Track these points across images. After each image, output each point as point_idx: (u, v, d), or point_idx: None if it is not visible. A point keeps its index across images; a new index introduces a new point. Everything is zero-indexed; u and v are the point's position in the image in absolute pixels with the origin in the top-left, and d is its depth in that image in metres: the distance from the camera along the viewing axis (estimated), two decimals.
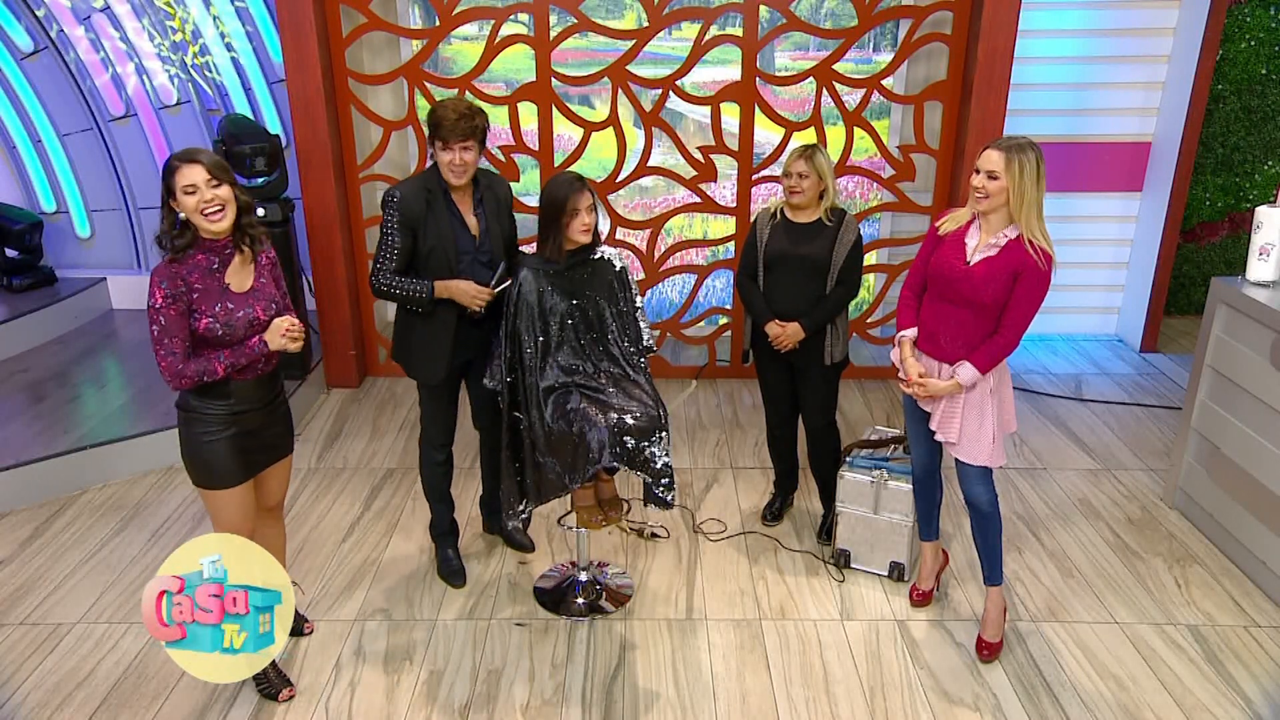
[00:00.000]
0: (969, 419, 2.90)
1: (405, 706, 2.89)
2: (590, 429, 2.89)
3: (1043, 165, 2.69)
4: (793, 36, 4.96)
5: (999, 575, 3.09)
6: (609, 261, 3.14)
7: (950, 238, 2.88)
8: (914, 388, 2.95)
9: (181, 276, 2.48)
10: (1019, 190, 2.67)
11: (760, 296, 3.47)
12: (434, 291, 3.03)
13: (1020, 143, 2.69)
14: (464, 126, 2.92)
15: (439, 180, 3.04)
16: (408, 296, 3.05)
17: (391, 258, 3.02)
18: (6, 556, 3.64)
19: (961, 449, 2.93)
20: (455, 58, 5.08)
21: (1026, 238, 2.71)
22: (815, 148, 3.37)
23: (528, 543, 3.65)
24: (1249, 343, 3.47)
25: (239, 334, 2.55)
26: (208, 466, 2.63)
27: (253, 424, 2.67)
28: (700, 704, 2.90)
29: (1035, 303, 2.76)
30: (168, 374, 2.49)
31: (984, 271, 2.76)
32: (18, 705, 2.90)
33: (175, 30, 5.36)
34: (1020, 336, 2.81)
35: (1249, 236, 4.11)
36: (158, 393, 4.65)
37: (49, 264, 5.78)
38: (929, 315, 2.94)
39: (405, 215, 2.99)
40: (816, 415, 3.58)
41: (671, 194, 5.19)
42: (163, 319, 2.46)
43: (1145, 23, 5.25)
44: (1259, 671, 3.04)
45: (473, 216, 3.12)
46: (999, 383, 2.91)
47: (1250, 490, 3.46)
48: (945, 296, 2.87)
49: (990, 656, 3.08)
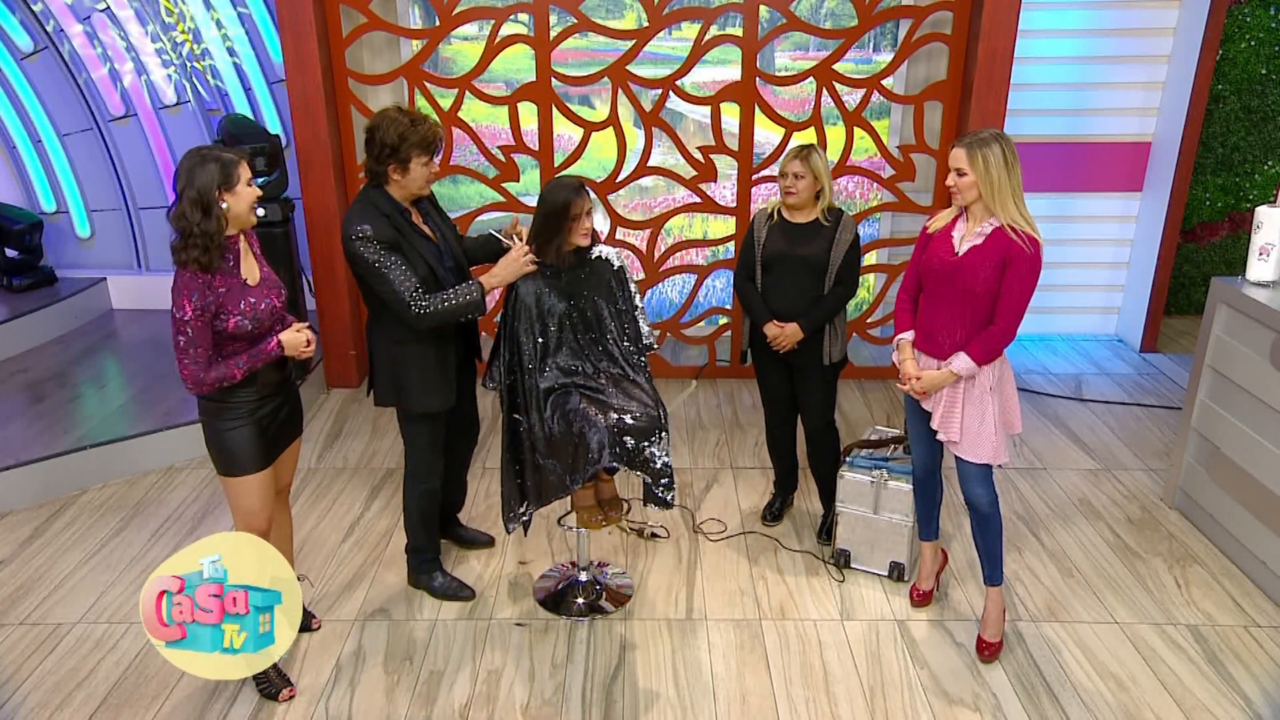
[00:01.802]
0: (969, 416, 2.91)
1: (405, 706, 2.89)
2: (590, 429, 2.89)
3: (1010, 153, 2.72)
4: (793, 36, 4.96)
5: (999, 575, 3.10)
6: (607, 261, 3.14)
7: (939, 234, 2.91)
8: (911, 383, 2.95)
9: (209, 285, 2.49)
10: (987, 181, 2.72)
11: (758, 297, 3.47)
12: (484, 289, 2.90)
13: (983, 136, 2.73)
14: (442, 138, 2.91)
15: (392, 203, 2.90)
16: (462, 305, 2.87)
17: (409, 278, 2.85)
18: (6, 556, 3.64)
19: (963, 447, 2.93)
20: (455, 58, 5.08)
21: (1007, 224, 2.74)
22: (811, 148, 3.37)
23: (482, 536, 3.67)
24: (1249, 343, 3.47)
25: (265, 325, 2.60)
26: (233, 454, 2.66)
27: (271, 408, 2.72)
28: (700, 704, 2.90)
29: (1026, 289, 2.77)
30: (189, 381, 2.51)
31: (973, 259, 2.79)
32: (18, 705, 2.90)
33: (175, 29, 5.36)
34: (1014, 325, 2.81)
35: (1249, 236, 4.12)
36: (158, 393, 4.65)
37: (49, 264, 5.78)
38: (925, 314, 2.96)
39: (386, 241, 2.85)
40: (815, 415, 3.58)
41: (671, 194, 5.19)
42: (190, 330, 2.46)
43: (1145, 23, 5.25)
44: (1259, 671, 3.04)
45: (426, 228, 3.04)
46: (1000, 380, 2.91)
47: (1250, 490, 3.46)
48: (938, 292, 2.89)
49: (990, 656, 3.08)
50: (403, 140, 2.82)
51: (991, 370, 2.87)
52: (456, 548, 3.68)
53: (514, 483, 3.11)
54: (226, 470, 2.70)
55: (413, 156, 2.85)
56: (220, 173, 2.43)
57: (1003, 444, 2.94)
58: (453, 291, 2.89)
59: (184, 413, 4.42)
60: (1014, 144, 2.76)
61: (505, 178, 4.95)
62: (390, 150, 2.83)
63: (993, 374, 2.88)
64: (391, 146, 2.82)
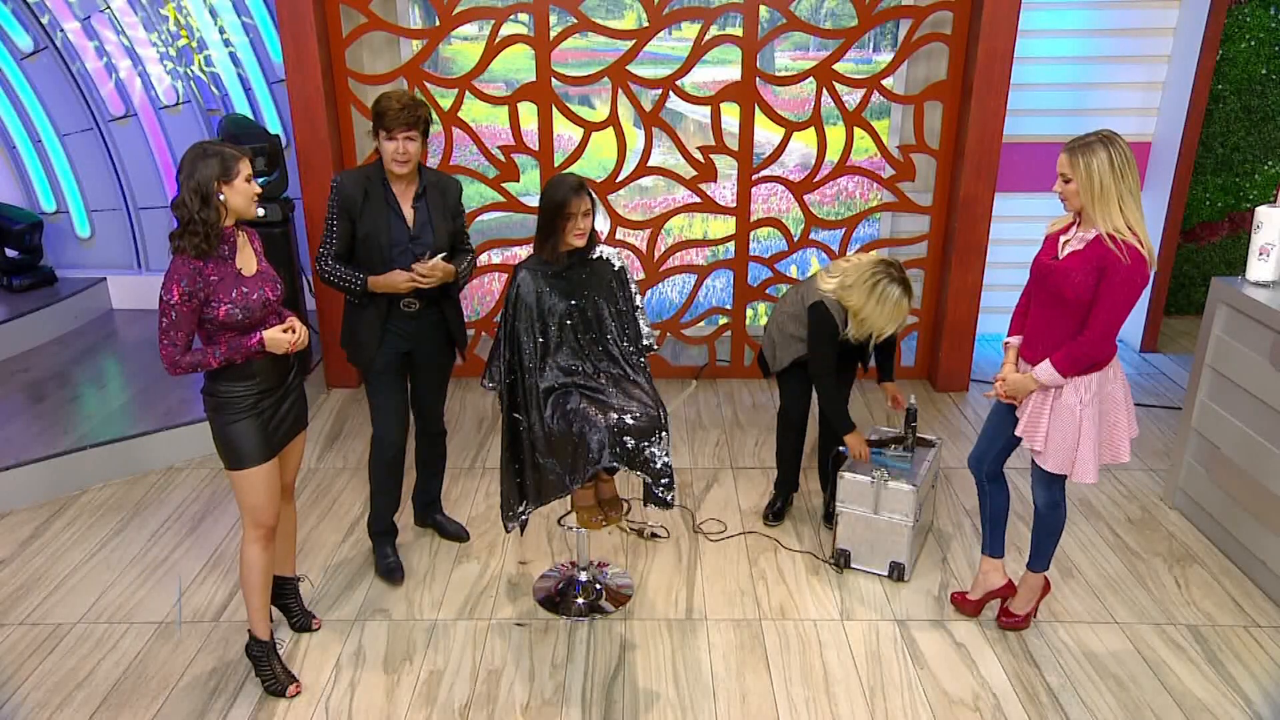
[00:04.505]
0: (1055, 428, 2.83)
1: (405, 706, 2.89)
2: (590, 429, 2.89)
3: (1121, 156, 2.59)
4: (793, 36, 4.96)
5: (1037, 564, 3.12)
6: (607, 261, 3.14)
7: (1052, 237, 2.85)
8: (997, 385, 2.94)
9: (200, 272, 2.53)
10: (1090, 188, 2.62)
11: (844, 406, 3.55)
12: (367, 285, 3.12)
13: (1089, 140, 2.64)
14: (407, 116, 3.01)
15: (380, 171, 3.14)
16: (343, 286, 3.14)
17: (332, 241, 3.13)
18: (6, 556, 3.64)
19: (1045, 457, 2.88)
20: (455, 58, 5.08)
21: (1107, 233, 2.63)
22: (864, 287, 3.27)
23: (462, 532, 3.72)
24: (1249, 343, 3.47)
25: (256, 316, 2.63)
26: (237, 448, 2.69)
27: (275, 401, 2.75)
28: (700, 704, 2.90)
29: (1120, 300, 2.64)
30: (166, 362, 2.58)
31: (1068, 264, 2.71)
32: (18, 705, 2.90)
33: (175, 28, 5.36)
34: (1105, 338, 2.69)
35: (1249, 236, 4.12)
36: (158, 393, 4.65)
37: (49, 264, 5.78)
38: (1031, 319, 2.91)
39: (344, 200, 3.10)
40: None
41: (671, 194, 5.19)
42: (174, 314, 2.52)
43: (1145, 23, 5.25)
44: (1259, 671, 3.04)
45: (410, 209, 3.17)
46: (1097, 398, 2.79)
47: (1250, 490, 3.45)
48: (1038, 296, 2.84)
49: (1007, 625, 3.14)
50: (376, 113, 3.05)
51: (1085, 384, 2.77)
52: (458, 547, 3.69)
53: (513, 482, 3.11)
54: (232, 464, 2.72)
55: (379, 131, 3.05)
56: (220, 166, 2.51)
57: (1091, 464, 2.82)
58: (347, 271, 3.13)
59: (184, 412, 4.42)
60: (1127, 147, 2.62)
61: (505, 178, 4.95)
62: (373, 123, 3.07)
63: (1086, 388, 2.78)
64: (373, 119, 3.07)
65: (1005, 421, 3.02)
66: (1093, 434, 2.81)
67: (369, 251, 3.14)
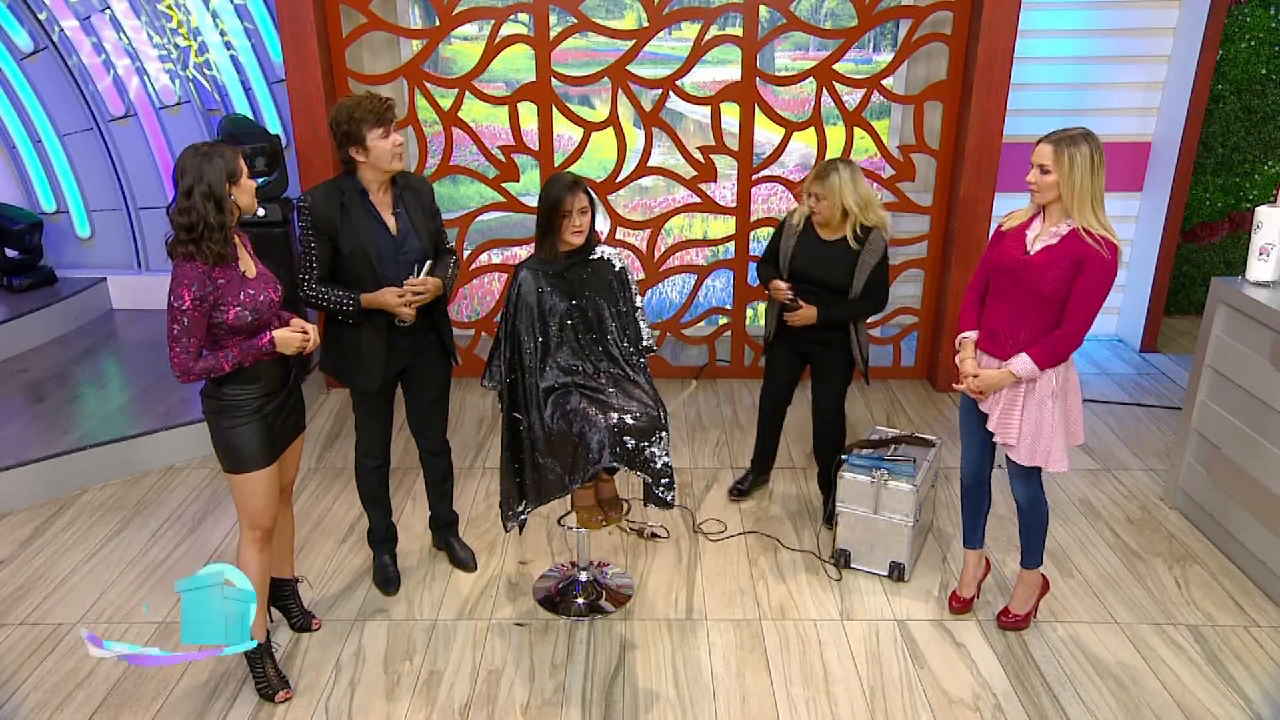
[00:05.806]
0: (1028, 420, 2.85)
1: (405, 706, 2.89)
2: (590, 429, 2.89)
3: (1099, 155, 2.65)
4: (793, 36, 4.96)
5: (1030, 561, 3.14)
6: (608, 261, 3.14)
7: (1012, 232, 2.86)
8: (968, 381, 2.93)
9: (210, 277, 2.51)
10: (1070, 182, 2.66)
11: (775, 272, 3.55)
12: (360, 305, 2.97)
13: (1073, 134, 2.67)
14: (393, 109, 2.90)
15: (354, 183, 2.96)
16: (335, 309, 2.97)
17: (312, 266, 2.95)
18: (6, 556, 3.64)
19: (1019, 451, 2.89)
20: (455, 58, 5.08)
21: (1083, 228, 2.68)
22: (834, 165, 3.31)
23: (470, 562, 3.57)
24: (1249, 343, 3.47)
25: (264, 318, 2.62)
26: (239, 451, 2.67)
27: (276, 404, 2.74)
28: (700, 704, 2.90)
29: (1098, 293, 2.71)
30: (178, 369, 2.54)
31: (1043, 259, 2.73)
32: (18, 705, 2.90)
33: (175, 28, 5.36)
34: (1082, 330, 2.75)
35: (1249, 236, 4.11)
36: (158, 393, 4.65)
37: (49, 264, 5.78)
38: (990, 313, 2.92)
39: (319, 221, 2.91)
40: (828, 399, 3.63)
41: (671, 194, 5.19)
42: (185, 319, 2.49)
43: (1145, 23, 5.25)
44: (1259, 671, 3.04)
45: (391, 216, 3.03)
46: (1063, 387, 2.84)
47: (1250, 490, 3.45)
48: (1005, 291, 2.84)
49: (1007, 625, 3.15)
50: (352, 118, 2.83)
51: (1055, 375, 2.82)
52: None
53: (513, 481, 3.11)
54: (233, 467, 2.70)
55: (366, 133, 2.85)
56: (226, 167, 2.49)
57: (1062, 452, 2.87)
58: (336, 293, 2.96)
59: (184, 413, 4.42)
60: (1102, 145, 2.68)
61: (505, 178, 4.95)
62: (345, 133, 2.86)
63: (1056, 379, 2.82)
64: (345, 129, 2.85)
65: (978, 423, 3.03)
66: (1062, 423, 2.86)
67: (356, 266, 2.98)
